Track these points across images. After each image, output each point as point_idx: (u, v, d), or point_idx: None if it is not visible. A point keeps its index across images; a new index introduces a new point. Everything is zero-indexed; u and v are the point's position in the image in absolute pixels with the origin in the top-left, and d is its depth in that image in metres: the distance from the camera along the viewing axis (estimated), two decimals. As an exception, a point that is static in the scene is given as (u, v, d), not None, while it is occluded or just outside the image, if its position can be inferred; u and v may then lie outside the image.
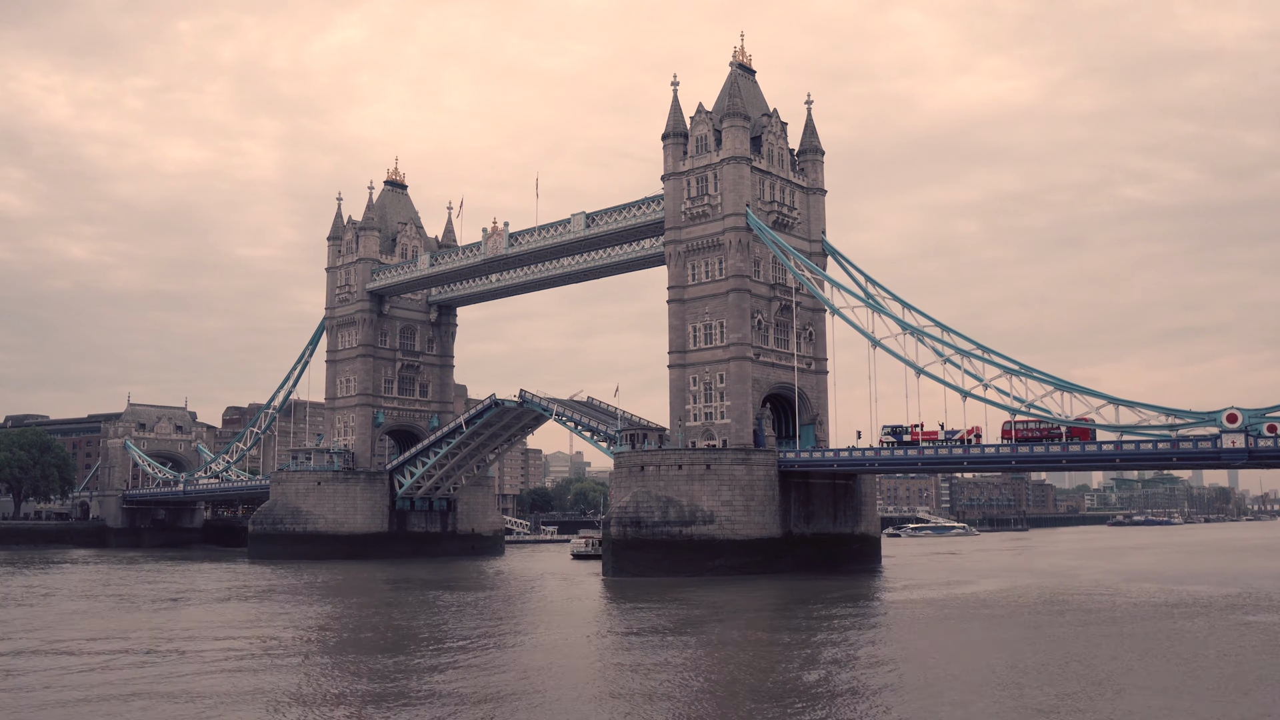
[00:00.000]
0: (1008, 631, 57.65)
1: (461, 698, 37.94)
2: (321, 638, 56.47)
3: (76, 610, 71.38)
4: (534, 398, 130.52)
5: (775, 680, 41.54)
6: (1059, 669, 43.35)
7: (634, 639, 55.23)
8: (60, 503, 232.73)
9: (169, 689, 39.77)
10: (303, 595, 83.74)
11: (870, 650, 50.32)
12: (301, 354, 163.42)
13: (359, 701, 37.51)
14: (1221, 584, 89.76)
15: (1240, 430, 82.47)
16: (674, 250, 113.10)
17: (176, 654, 49.22)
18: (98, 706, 36.69)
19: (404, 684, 40.92)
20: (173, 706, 36.47)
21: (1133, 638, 53.75)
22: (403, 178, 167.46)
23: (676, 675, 42.73)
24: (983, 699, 36.83)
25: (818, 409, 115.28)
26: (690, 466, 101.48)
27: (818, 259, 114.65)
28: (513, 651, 50.71)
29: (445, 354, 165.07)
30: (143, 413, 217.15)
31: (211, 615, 68.34)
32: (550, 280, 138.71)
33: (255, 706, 36.49)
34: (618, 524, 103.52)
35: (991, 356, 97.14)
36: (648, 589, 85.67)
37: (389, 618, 66.54)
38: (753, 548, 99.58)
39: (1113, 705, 35.78)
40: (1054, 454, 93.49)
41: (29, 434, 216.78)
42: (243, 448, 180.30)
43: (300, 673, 43.91)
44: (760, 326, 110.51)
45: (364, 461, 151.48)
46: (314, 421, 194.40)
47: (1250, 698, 37.38)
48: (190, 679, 42.14)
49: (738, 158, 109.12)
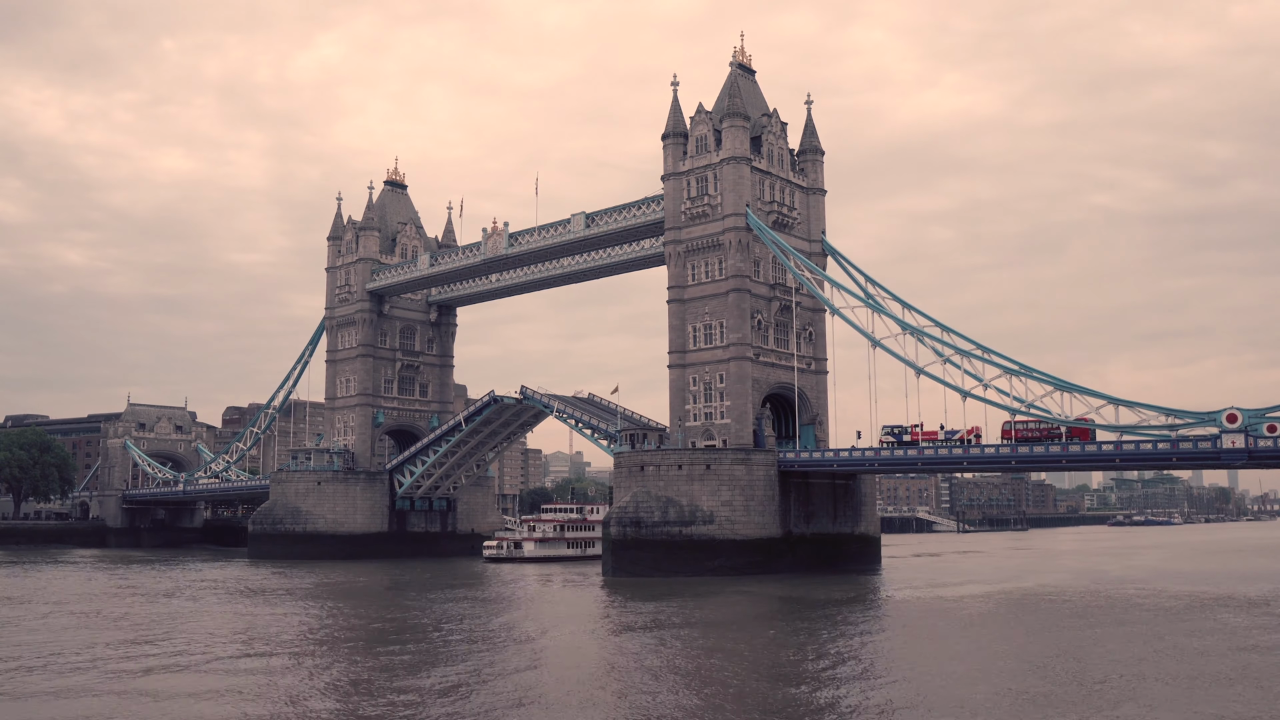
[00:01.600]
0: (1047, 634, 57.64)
1: (462, 698, 37.93)
2: (320, 637, 56.44)
3: (63, 612, 71.39)
4: (534, 394, 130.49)
5: (775, 680, 41.54)
6: (1059, 668, 43.35)
7: (633, 639, 55.19)
8: (60, 503, 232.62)
9: (167, 688, 39.80)
10: (302, 595, 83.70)
11: (870, 650, 50.32)
12: (301, 354, 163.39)
13: (356, 702, 37.51)
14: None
15: (1240, 430, 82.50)
16: (674, 250, 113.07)
17: (175, 653, 49.25)
18: (97, 706, 36.72)
19: (404, 684, 40.91)
20: (171, 705, 36.50)
21: (1147, 637, 53.74)
22: (402, 178, 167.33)
23: (677, 675, 42.73)
24: (983, 698, 36.85)
25: (817, 409, 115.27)
26: (690, 466, 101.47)
27: (818, 259, 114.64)
28: (513, 652, 50.69)
29: (445, 354, 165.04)
30: (142, 413, 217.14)
31: (211, 615, 68.32)
32: (550, 280, 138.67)
33: (257, 705, 36.50)
34: (618, 524, 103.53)
35: (991, 357, 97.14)
36: (647, 589, 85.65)
37: (388, 617, 66.53)
38: (752, 548, 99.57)
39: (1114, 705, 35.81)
40: (1054, 454, 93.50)
41: (29, 434, 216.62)
42: (243, 448, 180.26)
43: (299, 671, 43.90)
44: (760, 326, 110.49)
45: (364, 461, 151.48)
46: (314, 421, 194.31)
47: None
48: (190, 680, 42.16)
49: (738, 158, 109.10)
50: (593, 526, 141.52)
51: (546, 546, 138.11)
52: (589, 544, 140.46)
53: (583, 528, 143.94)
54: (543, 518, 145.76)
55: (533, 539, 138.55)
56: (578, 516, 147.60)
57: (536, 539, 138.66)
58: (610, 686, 40.65)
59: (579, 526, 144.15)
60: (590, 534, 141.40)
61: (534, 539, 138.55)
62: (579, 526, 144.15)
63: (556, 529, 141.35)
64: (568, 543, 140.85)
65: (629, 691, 39.31)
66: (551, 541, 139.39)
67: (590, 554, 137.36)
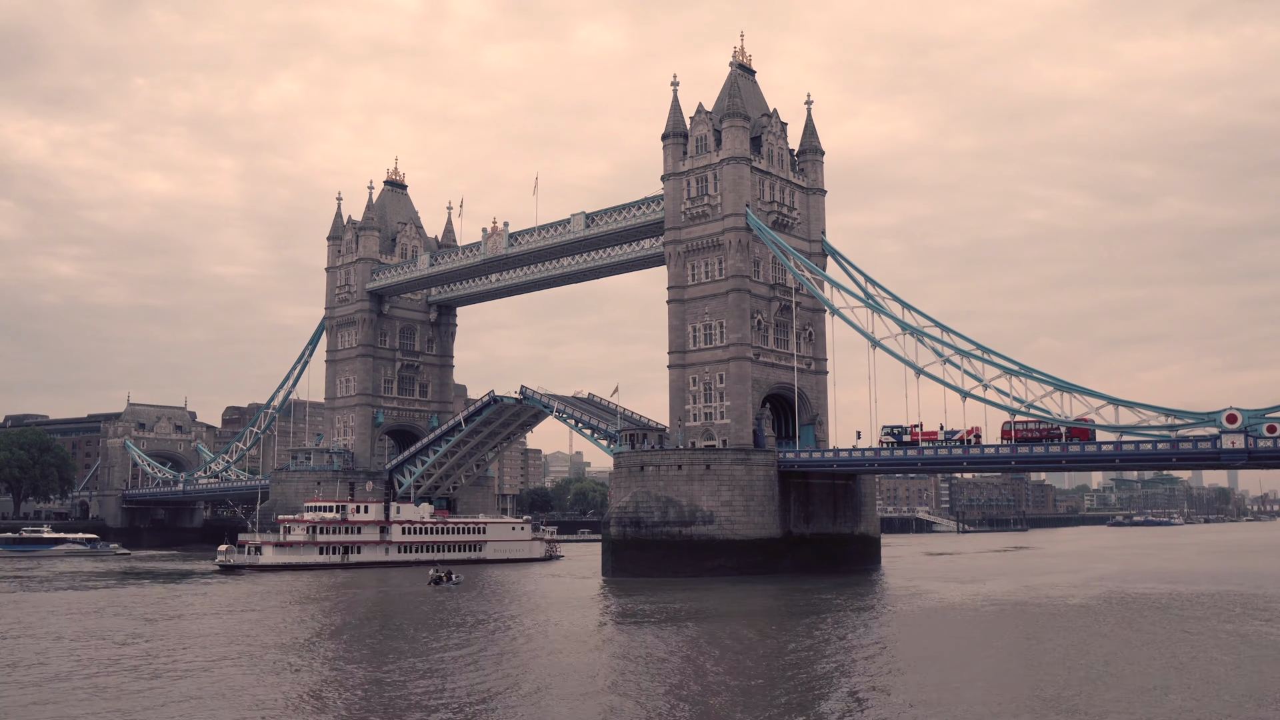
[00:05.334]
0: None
1: (463, 697, 37.91)
2: (319, 636, 56.40)
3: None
4: (534, 394, 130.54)
5: (776, 680, 41.51)
6: (1060, 668, 43.33)
7: (633, 639, 55.15)
8: (60, 502, 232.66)
9: (169, 689, 39.75)
10: (301, 594, 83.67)
11: (870, 650, 50.28)
12: (301, 354, 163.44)
13: (353, 702, 37.49)
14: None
15: (1240, 431, 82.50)
16: (674, 250, 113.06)
17: (173, 651, 49.21)
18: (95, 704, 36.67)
19: (401, 683, 40.89)
20: (170, 705, 36.47)
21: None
22: (402, 177, 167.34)
23: (677, 676, 42.70)
24: (982, 697, 36.82)
25: (817, 409, 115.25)
26: (690, 466, 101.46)
27: (817, 259, 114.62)
28: (512, 651, 50.64)
29: (445, 354, 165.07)
30: (142, 412, 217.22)
31: (210, 614, 68.29)
32: (550, 280, 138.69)
33: (255, 705, 36.48)
34: (617, 524, 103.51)
35: (991, 357, 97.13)
36: (647, 589, 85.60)
37: (386, 616, 66.48)
38: (752, 548, 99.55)
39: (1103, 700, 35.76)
40: (1054, 454, 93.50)
41: (28, 434, 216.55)
42: (242, 448, 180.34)
43: (298, 671, 43.88)
44: (760, 326, 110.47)
45: (364, 461, 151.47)
46: (314, 421, 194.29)
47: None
48: (187, 678, 42.12)
49: (737, 158, 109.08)
50: (358, 529, 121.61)
51: (292, 552, 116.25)
52: (353, 549, 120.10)
53: (344, 530, 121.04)
54: (304, 517, 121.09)
55: (272, 543, 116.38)
56: (336, 517, 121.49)
57: (275, 543, 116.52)
58: (603, 689, 40.60)
59: (339, 529, 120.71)
60: (356, 538, 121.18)
61: (274, 543, 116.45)
62: (339, 529, 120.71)
63: (308, 531, 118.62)
64: (321, 548, 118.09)
65: (626, 693, 39.26)
66: (300, 547, 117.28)
67: (355, 561, 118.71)
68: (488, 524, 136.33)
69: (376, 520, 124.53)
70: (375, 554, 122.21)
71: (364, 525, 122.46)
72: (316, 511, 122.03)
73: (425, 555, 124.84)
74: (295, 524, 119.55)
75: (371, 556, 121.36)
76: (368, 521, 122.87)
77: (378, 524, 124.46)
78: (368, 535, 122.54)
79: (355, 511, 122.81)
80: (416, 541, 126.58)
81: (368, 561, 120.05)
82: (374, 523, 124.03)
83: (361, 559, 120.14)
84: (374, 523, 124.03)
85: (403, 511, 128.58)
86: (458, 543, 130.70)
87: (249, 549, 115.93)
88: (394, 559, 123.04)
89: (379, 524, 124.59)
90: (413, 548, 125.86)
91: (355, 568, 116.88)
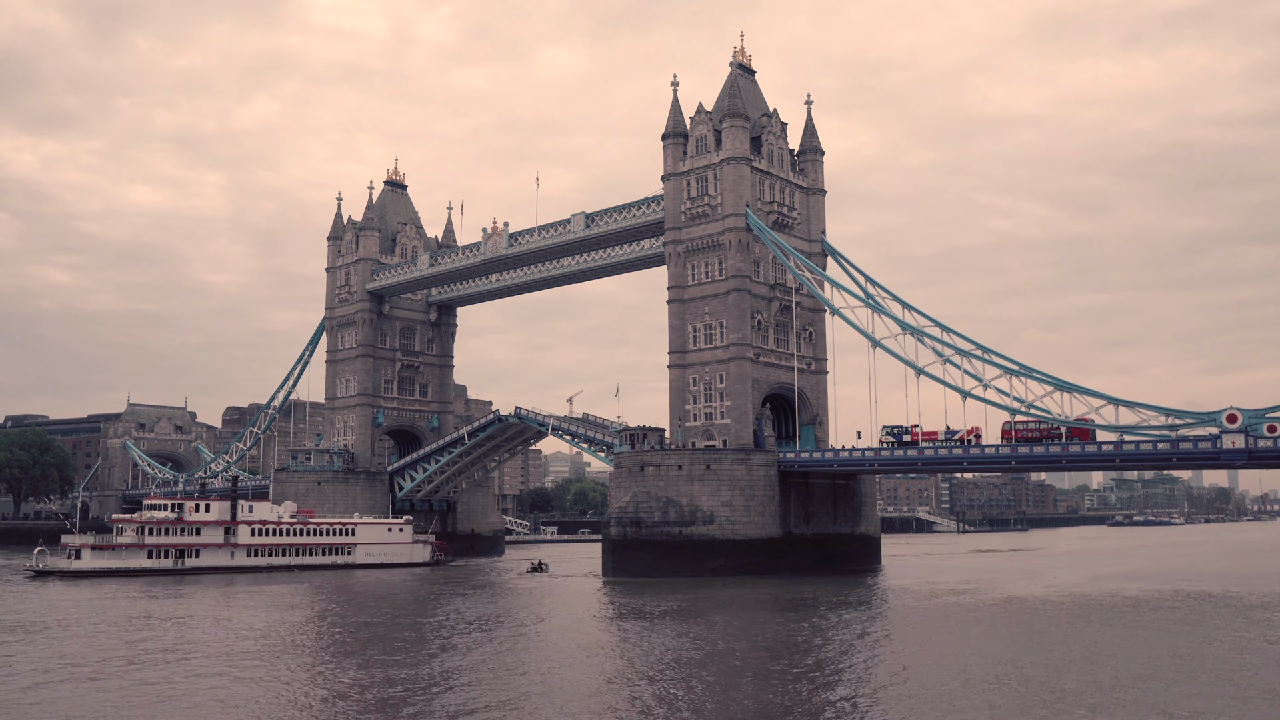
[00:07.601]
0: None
1: (463, 698, 37.91)
2: (318, 636, 56.42)
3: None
4: (530, 415, 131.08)
5: (776, 680, 41.50)
6: (1063, 668, 43.33)
7: (632, 639, 55.15)
8: (60, 502, 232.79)
9: (171, 690, 39.74)
10: (301, 594, 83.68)
11: (870, 650, 50.27)
12: (301, 354, 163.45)
13: (351, 700, 37.50)
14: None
15: (1240, 430, 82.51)
16: (674, 250, 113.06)
17: (169, 651, 49.22)
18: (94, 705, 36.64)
19: (402, 683, 40.89)
20: (167, 706, 36.48)
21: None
22: (403, 178, 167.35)
23: (676, 677, 42.69)
24: (984, 698, 36.82)
25: (817, 409, 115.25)
26: (690, 467, 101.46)
27: (818, 259, 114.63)
28: (511, 651, 50.66)
29: (445, 354, 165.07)
30: (142, 413, 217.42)
31: (209, 613, 68.29)
32: (550, 280, 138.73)
33: (253, 703, 36.49)
34: (617, 524, 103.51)
35: (991, 357, 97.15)
36: (647, 589, 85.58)
37: (386, 616, 66.49)
38: (752, 548, 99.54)
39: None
40: (1054, 454, 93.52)
41: (29, 434, 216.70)
42: (243, 448, 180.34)
43: (297, 670, 43.90)
44: (760, 326, 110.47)
45: (364, 461, 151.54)
46: (314, 421, 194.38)
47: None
48: (185, 678, 42.14)
49: (737, 158, 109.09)
50: (195, 530, 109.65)
51: (115, 556, 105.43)
52: (189, 553, 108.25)
53: (179, 531, 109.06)
54: (139, 517, 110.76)
55: (91, 545, 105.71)
56: (171, 516, 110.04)
57: (95, 546, 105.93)
58: (602, 690, 40.60)
59: (173, 530, 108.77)
60: (193, 540, 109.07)
61: (93, 546, 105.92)
62: (173, 530, 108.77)
63: (138, 533, 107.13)
64: (150, 551, 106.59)
65: (625, 693, 39.27)
66: (125, 550, 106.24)
67: (192, 566, 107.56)
68: (358, 525, 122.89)
69: (220, 520, 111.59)
70: (218, 558, 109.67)
71: (204, 526, 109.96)
72: (149, 510, 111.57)
73: (279, 559, 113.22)
74: (127, 524, 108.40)
75: (213, 561, 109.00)
76: (208, 522, 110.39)
77: (221, 524, 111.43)
78: (209, 537, 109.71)
79: (194, 510, 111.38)
80: (268, 544, 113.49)
81: (207, 566, 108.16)
82: (216, 523, 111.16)
83: (200, 563, 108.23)
84: (216, 523, 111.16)
85: (255, 510, 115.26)
86: (320, 545, 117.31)
87: (69, 552, 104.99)
88: (240, 563, 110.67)
89: (223, 524, 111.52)
90: (263, 551, 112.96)
91: (192, 573, 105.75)
